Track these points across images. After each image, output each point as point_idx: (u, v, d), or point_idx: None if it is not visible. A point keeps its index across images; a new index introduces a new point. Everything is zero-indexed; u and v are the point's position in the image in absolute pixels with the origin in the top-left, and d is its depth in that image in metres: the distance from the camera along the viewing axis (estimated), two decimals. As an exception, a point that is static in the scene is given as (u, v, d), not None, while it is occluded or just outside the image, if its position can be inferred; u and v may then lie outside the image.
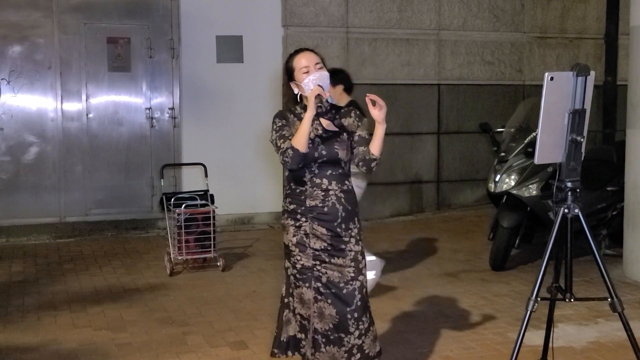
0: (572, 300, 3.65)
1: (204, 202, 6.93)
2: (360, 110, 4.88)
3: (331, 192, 3.55)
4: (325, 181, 3.55)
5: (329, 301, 3.54)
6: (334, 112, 3.67)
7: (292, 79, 3.64)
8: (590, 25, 10.58)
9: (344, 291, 3.54)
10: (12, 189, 8.59)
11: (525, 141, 6.68)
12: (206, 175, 7.36)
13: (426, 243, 8.08)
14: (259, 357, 4.58)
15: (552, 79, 3.43)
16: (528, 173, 6.57)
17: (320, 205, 3.54)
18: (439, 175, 9.99)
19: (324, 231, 3.54)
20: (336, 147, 3.55)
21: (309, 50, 3.67)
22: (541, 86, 3.46)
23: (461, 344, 4.77)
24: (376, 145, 3.56)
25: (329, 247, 3.54)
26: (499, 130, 7.25)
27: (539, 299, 3.56)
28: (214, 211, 6.87)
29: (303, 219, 3.56)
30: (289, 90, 3.69)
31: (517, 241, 6.63)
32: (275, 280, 6.20)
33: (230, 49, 9.11)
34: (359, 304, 3.55)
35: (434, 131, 9.92)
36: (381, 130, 3.53)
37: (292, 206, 3.60)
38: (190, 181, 8.79)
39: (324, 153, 3.53)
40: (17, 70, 8.55)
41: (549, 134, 3.50)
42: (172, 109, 9.05)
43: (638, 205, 6.34)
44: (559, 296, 3.69)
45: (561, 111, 3.50)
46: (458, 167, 10.07)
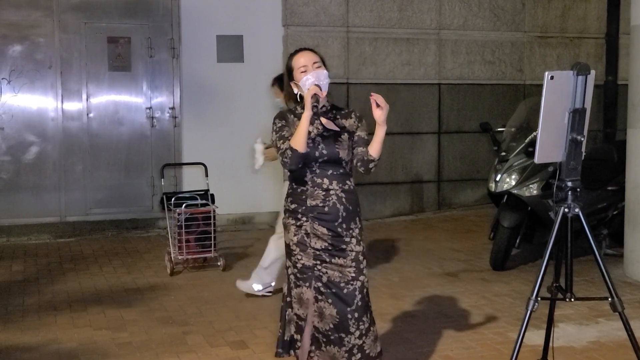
0: (572, 299, 3.65)
1: (204, 201, 6.93)
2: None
3: (332, 192, 3.54)
4: (326, 181, 3.54)
5: (329, 301, 3.53)
6: (334, 112, 3.67)
7: (292, 79, 3.64)
8: (591, 24, 10.57)
9: (345, 291, 3.53)
10: (13, 189, 8.60)
11: (526, 141, 6.67)
12: (206, 175, 7.35)
13: (426, 243, 8.08)
14: (259, 356, 4.58)
15: (552, 78, 3.42)
16: (529, 173, 6.57)
17: (321, 204, 3.54)
18: (440, 174, 9.99)
19: (324, 231, 3.53)
20: (337, 147, 3.54)
21: (308, 49, 3.67)
22: (542, 85, 3.46)
23: (461, 343, 4.77)
24: (375, 147, 3.54)
25: (330, 247, 3.54)
26: (499, 129, 7.25)
27: (539, 298, 3.55)
28: (214, 211, 6.87)
29: (304, 218, 3.56)
30: (290, 90, 3.69)
31: (517, 241, 6.63)
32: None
33: (230, 48, 9.11)
34: (359, 304, 3.55)
35: (434, 131, 9.92)
36: (381, 132, 3.51)
37: (293, 206, 3.59)
38: (191, 181, 8.79)
39: (324, 153, 3.53)
40: (17, 69, 8.55)
41: (549, 133, 3.49)
42: (172, 108, 9.05)
43: (638, 204, 6.33)
44: (560, 296, 3.68)
45: (561, 110, 3.49)
46: (458, 166, 10.07)
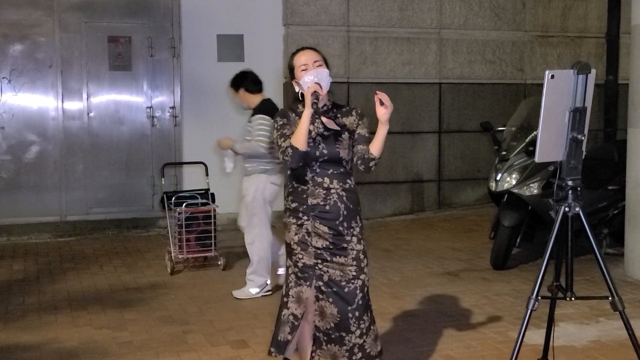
0: (572, 299, 3.64)
1: (204, 200, 6.93)
2: (275, 109, 5.13)
3: (333, 191, 3.55)
4: (326, 180, 3.55)
5: (330, 300, 3.53)
6: (335, 110, 3.67)
7: (294, 78, 3.64)
8: (592, 24, 10.56)
9: (346, 290, 3.54)
10: (13, 188, 8.60)
11: (527, 140, 6.67)
12: (207, 174, 7.35)
13: (427, 242, 8.07)
14: (260, 356, 4.58)
15: (552, 77, 3.42)
16: (529, 172, 6.57)
17: (321, 203, 3.54)
18: (440, 174, 9.98)
19: (325, 230, 3.54)
20: (337, 146, 3.55)
21: (310, 48, 3.68)
22: (542, 85, 3.45)
23: (462, 342, 4.76)
24: (377, 146, 3.54)
25: (331, 246, 3.54)
26: (500, 129, 7.24)
27: (539, 297, 3.55)
28: (214, 210, 6.87)
29: (305, 217, 3.56)
30: (292, 89, 3.70)
31: (518, 240, 6.62)
32: (275, 279, 6.19)
33: (231, 47, 9.10)
34: (360, 302, 3.55)
35: (435, 130, 9.92)
36: (383, 131, 3.50)
37: (294, 204, 3.59)
38: (191, 180, 8.78)
39: (325, 152, 3.53)
40: (18, 69, 8.55)
41: (549, 132, 3.49)
42: (173, 107, 9.05)
43: (639, 204, 6.33)
44: (560, 295, 3.68)
45: (562, 109, 3.48)
46: (459, 166, 10.06)
